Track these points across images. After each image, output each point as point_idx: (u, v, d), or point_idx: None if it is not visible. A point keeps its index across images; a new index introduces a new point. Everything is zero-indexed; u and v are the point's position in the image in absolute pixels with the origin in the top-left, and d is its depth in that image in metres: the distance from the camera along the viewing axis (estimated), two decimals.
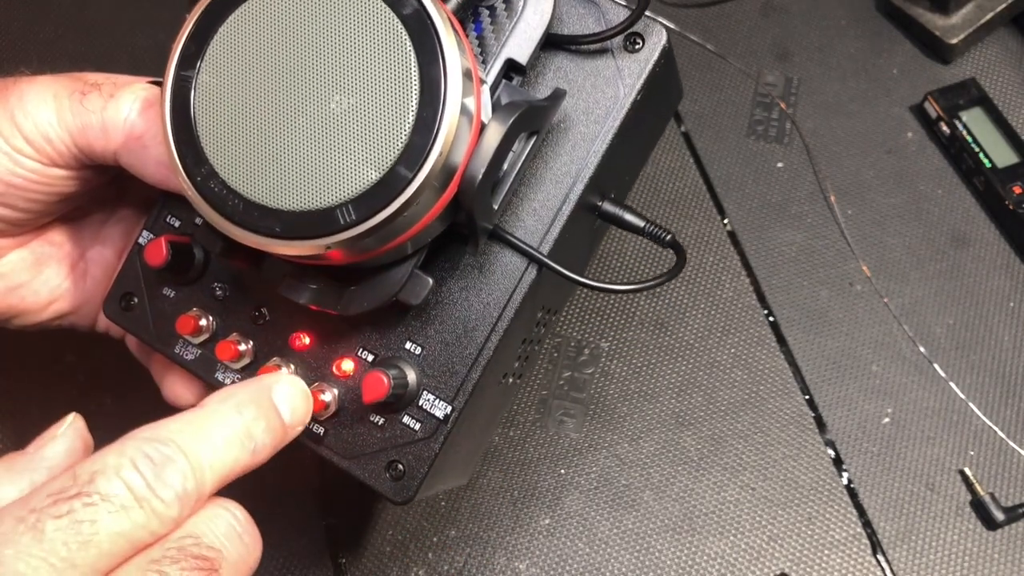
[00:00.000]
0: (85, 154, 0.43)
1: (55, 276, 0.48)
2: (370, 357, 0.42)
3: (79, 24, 0.75)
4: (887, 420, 0.62)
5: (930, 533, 0.59)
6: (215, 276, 0.44)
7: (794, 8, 0.77)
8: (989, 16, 0.73)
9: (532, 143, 0.40)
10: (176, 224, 0.45)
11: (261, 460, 0.35)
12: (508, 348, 0.43)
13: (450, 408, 0.41)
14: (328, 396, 0.41)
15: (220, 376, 0.44)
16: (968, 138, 0.69)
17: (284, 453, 0.37)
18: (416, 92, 0.34)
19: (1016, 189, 0.67)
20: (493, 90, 0.40)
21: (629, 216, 0.45)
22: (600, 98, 0.41)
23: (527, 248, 0.41)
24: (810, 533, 0.59)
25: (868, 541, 0.58)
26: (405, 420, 0.41)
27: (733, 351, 0.64)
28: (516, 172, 0.40)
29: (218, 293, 0.44)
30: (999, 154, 0.68)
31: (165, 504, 0.30)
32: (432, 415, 0.41)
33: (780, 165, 0.71)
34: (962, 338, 0.65)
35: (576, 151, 0.41)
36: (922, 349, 0.64)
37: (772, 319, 0.65)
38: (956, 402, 0.62)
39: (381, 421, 0.41)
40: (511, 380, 0.48)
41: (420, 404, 0.41)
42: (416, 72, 0.34)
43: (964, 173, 0.70)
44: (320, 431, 0.42)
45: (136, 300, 0.45)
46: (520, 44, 0.40)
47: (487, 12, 0.40)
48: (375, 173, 0.34)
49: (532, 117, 0.38)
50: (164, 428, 0.32)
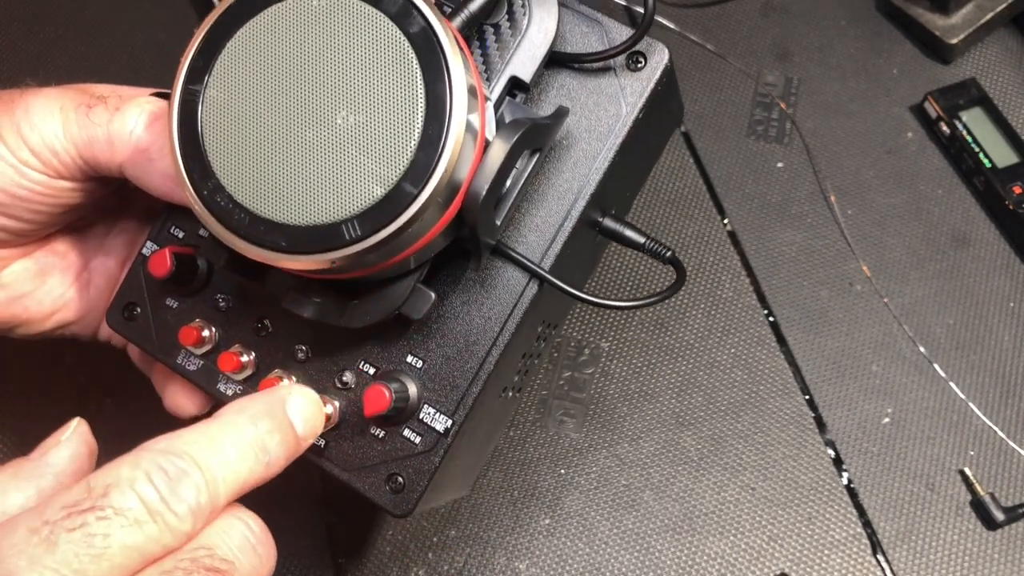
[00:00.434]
0: (91, 166, 0.43)
1: (58, 286, 0.48)
2: (371, 370, 0.42)
3: (79, 24, 0.75)
4: (887, 420, 0.62)
5: (930, 533, 0.59)
6: (218, 288, 0.44)
7: (794, 8, 0.77)
8: (989, 16, 0.73)
9: (535, 160, 0.40)
10: (180, 235, 0.45)
11: (274, 473, 0.35)
12: (509, 362, 0.43)
13: (451, 422, 0.41)
14: (330, 409, 0.41)
15: (222, 387, 0.44)
16: (968, 138, 0.69)
17: None
18: (422, 109, 0.34)
19: (1016, 189, 0.67)
20: (497, 107, 0.40)
21: (630, 232, 0.45)
22: (602, 116, 0.42)
23: (529, 264, 0.41)
24: (810, 533, 0.59)
25: (868, 541, 0.59)
26: (406, 433, 0.41)
27: (733, 351, 0.64)
28: (519, 188, 0.40)
29: (221, 304, 0.44)
30: (999, 154, 0.68)
31: (179, 518, 0.30)
32: (433, 428, 0.41)
33: (780, 165, 0.71)
34: (962, 338, 0.65)
35: (578, 168, 0.42)
36: (922, 349, 0.64)
37: (772, 319, 0.65)
38: (956, 402, 0.63)
39: (382, 434, 0.41)
40: (511, 394, 0.48)
41: (421, 418, 0.41)
42: (422, 89, 0.34)
43: (964, 173, 0.70)
44: (321, 443, 0.42)
45: (139, 310, 0.45)
46: (524, 62, 0.40)
47: (491, 30, 0.40)
48: (380, 189, 0.34)
49: (535, 134, 0.38)
50: (179, 440, 0.32)
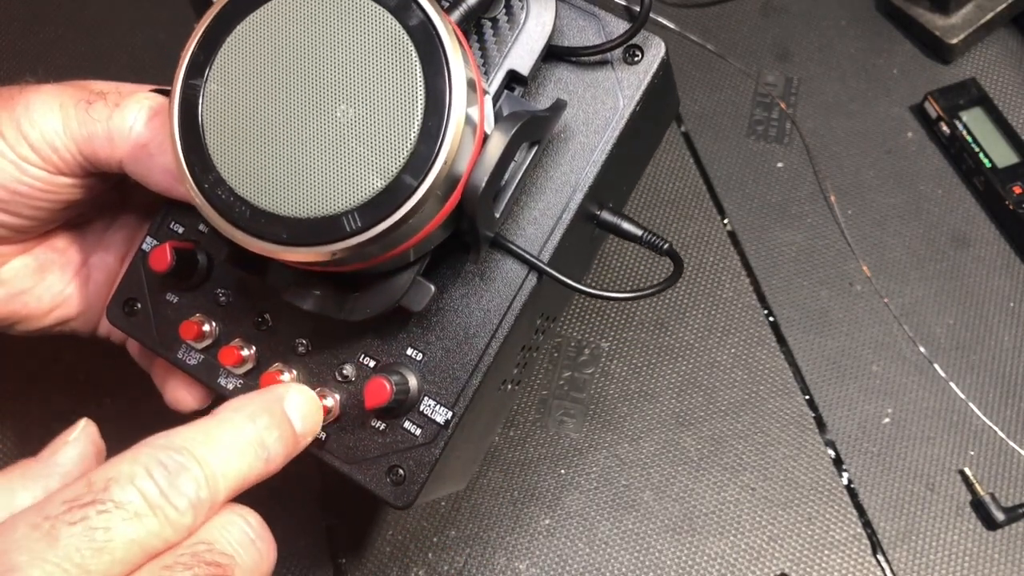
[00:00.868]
0: (91, 163, 0.43)
1: (58, 282, 0.48)
2: (372, 363, 0.42)
3: (79, 24, 0.75)
4: (887, 420, 0.62)
5: (930, 533, 0.59)
6: (218, 282, 0.45)
7: (794, 8, 0.77)
8: (989, 16, 0.73)
9: (533, 153, 0.40)
10: (180, 230, 0.45)
11: (274, 470, 0.35)
12: (508, 354, 0.43)
13: (451, 414, 0.41)
14: (330, 401, 0.42)
15: (223, 381, 0.44)
16: (968, 138, 0.69)
17: None
18: (421, 102, 0.34)
19: (1016, 189, 0.67)
20: (495, 100, 0.40)
21: (627, 225, 0.45)
22: (600, 109, 0.42)
23: (528, 256, 0.41)
24: (810, 533, 0.59)
25: (868, 541, 0.59)
26: (406, 425, 0.41)
27: (733, 351, 0.64)
28: (517, 181, 0.40)
29: (221, 299, 0.44)
30: (999, 154, 0.68)
31: (179, 512, 0.31)
32: (433, 420, 0.41)
33: (780, 165, 0.71)
34: (962, 338, 0.65)
35: (576, 161, 0.42)
36: (922, 349, 0.64)
37: (772, 319, 0.65)
38: (956, 402, 0.63)
39: (382, 426, 0.42)
40: (509, 387, 0.48)
41: (421, 410, 0.41)
42: (421, 82, 0.35)
43: (964, 173, 0.70)
44: (322, 436, 0.42)
45: (139, 305, 0.45)
46: (522, 55, 0.40)
47: (490, 24, 0.41)
48: (381, 181, 0.35)
49: (534, 127, 0.38)
50: (178, 436, 0.32)
